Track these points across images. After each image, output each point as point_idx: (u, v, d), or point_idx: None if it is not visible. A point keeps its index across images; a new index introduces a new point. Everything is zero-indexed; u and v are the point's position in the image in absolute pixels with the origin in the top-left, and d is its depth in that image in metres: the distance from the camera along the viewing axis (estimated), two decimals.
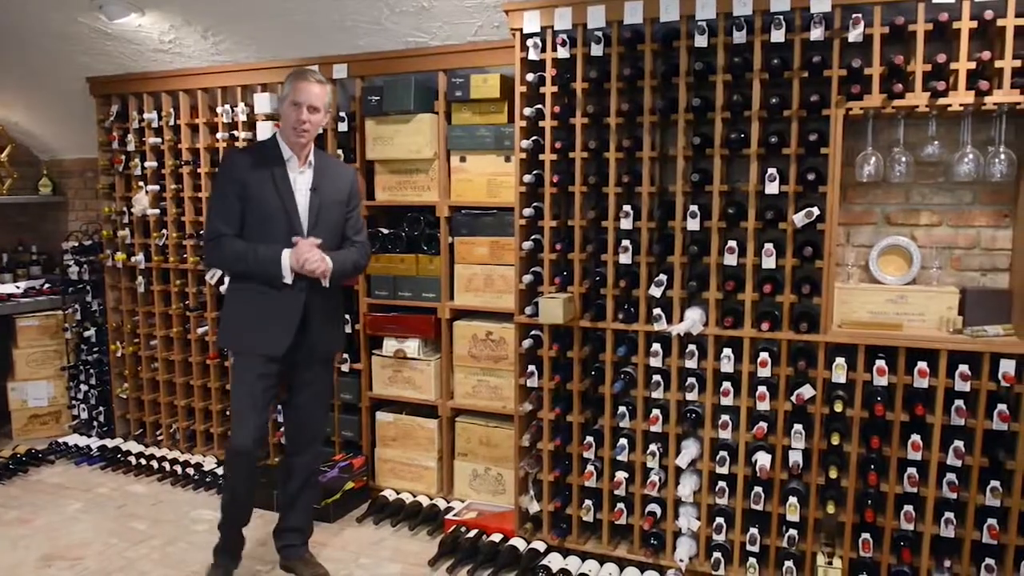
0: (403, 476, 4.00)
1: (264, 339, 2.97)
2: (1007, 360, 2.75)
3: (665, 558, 3.24)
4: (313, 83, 2.94)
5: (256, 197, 2.95)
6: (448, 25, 3.58)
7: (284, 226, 2.96)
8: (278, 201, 2.96)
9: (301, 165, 3.02)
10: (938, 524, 2.86)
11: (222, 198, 2.99)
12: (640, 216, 3.17)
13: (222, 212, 2.97)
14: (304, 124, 2.92)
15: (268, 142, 3.07)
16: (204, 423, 4.64)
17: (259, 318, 2.98)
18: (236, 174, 2.97)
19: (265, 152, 3.03)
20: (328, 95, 3.01)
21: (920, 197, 3.10)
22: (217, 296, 4.45)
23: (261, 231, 2.95)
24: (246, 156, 3.05)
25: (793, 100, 2.92)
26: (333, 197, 3.08)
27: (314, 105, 2.93)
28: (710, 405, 3.14)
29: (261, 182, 2.96)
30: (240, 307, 3.05)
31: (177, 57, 4.33)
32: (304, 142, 2.98)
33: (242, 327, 3.03)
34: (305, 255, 2.89)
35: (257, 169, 2.97)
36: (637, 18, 3.06)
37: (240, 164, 2.99)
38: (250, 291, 2.99)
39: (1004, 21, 2.67)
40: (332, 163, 3.23)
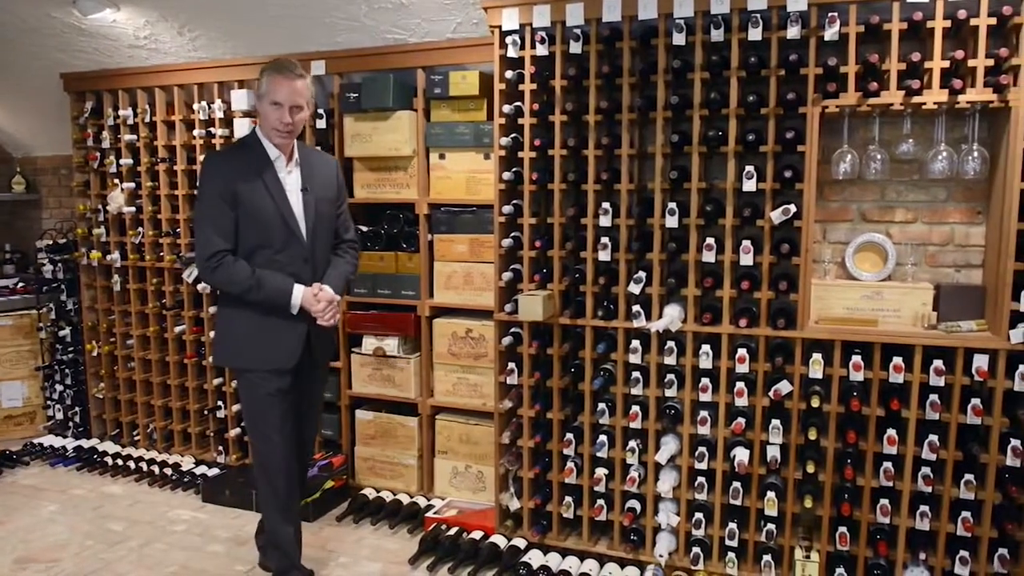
0: (383, 474, 3.99)
1: (274, 353, 2.81)
2: (980, 355, 2.79)
3: (645, 554, 3.26)
4: (294, 79, 2.72)
5: (249, 204, 2.72)
6: (427, 22, 3.57)
7: (282, 234, 2.77)
8: (273, 207, 2.75)
9: (288, 164, 2.83)
10: (913, 517, 2.90)
11: (212, 208, 2.72)
12: (619, 213, 3.18)
13: (215, 224, 2.71)
14: (289, 126, 2.74)
15: (250, 141, 2.84)
16: (182, 423, 4.60)
17: (265, 332, 2.80)
18: (224, 180, 2.72)
19: (250, 153, 2.80)
20: (309, 87, 2.81)
21: (895, 194, 3.14)
22: (194, 294, 4.42)
23: (258, 241, 2.75)
24: (231, 159, 2.82)
25: (770, 98, 2.94)
26: (323, 194, 2.90)
27: (297, 104, 2.73)
28: (689, 401, 3.15)
29: (252, 187, 2.73)
30: (242, 322, 2.83)
31: (153, 53, 4.29)
32: (287, 143, 2.81)
33: (246, 343, 2.83)
34: (319, 311, 2.78)
35: (246, 173, 2.74)
36: (615, 16, 3.07)
37: (227, 169, 2.75)
38: (244, 304, 2.78)
39: (977, 20, 2.71)
40: (314, 156, 3.00)
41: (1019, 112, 2.68)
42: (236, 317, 2.84)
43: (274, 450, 2.88)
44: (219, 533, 3.68)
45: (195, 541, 3.60)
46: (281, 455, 2.89)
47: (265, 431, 2.88)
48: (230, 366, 3.19)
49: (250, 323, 2.81)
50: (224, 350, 2.91)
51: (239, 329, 2.84)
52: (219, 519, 3.84)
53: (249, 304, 2.77)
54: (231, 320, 2.87)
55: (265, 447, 2.90)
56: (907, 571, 2.95)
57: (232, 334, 2.87)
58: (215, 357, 3.00)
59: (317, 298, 2.78)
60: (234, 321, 2.85)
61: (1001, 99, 2.69)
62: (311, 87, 2.83)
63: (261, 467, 2.94)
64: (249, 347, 2.83)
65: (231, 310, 2.86)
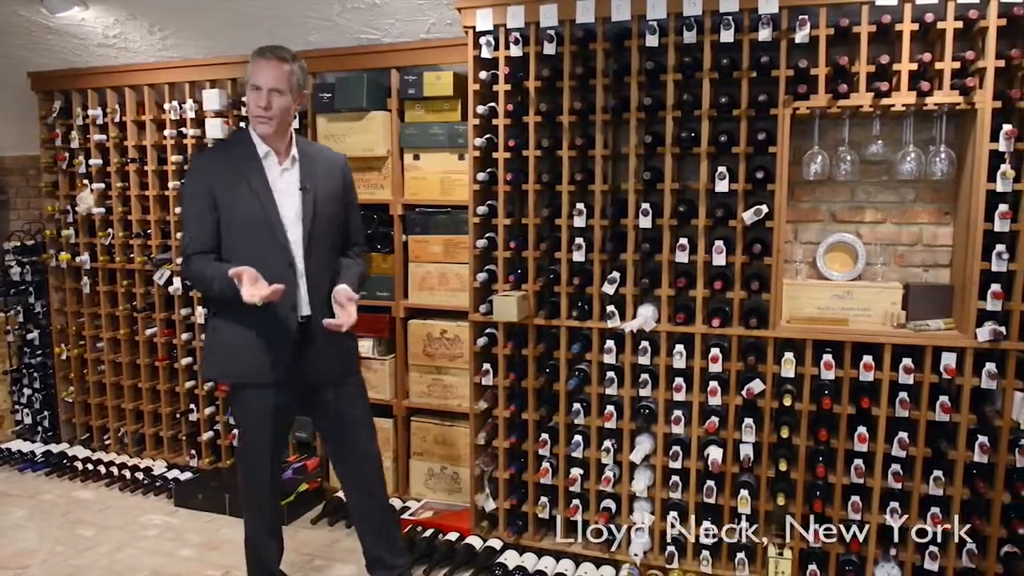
0: None
1: (259, 366, 2.59)
2: (948, 353, 2.83)
3: (620, 553, 3.27)
4: (272, 60, 2.53)
5: (228, 205, 2.54)
6: (401, 22, 3.56)
7: (265, 235, 2.55)
8: (256, 208, 2.54)
9: (283, 161, 2.62)
10: (884, 513, 2.93)
11: (191, 208, 2.59)
12: (593, 214, 3.19)
13: (192, 225, 2.58)
14: (266, 111, 2.52)
15: (238, 137, 2.70)
16: (153, 426, 4.55)
17: (251, 343, 2.58)
18: (204, 179, 2.57)
19: (235, 149, 2.63)
20: (297, 74, 2.58)
21: (865, 195, 3.18)
22: (165, 296, 4.37)
23: (241, 245, 2.55)
24: (214, 157, 2.67)
25: (742, 99, 2.97)
26: (328, 194, 2.66)
27: (276, 88, 2.52)
28: (663, 401, 3.17)
29: (233, 186, 2.55)
30: (228, 333, 2.62)
31: (123, 52, 4.23)
32: (270, 132, 2.56)
33: (233, 354, 2.62)
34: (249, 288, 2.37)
35: (227, 171, 2.57)
36: (589, 17, 3.08)
37: (207, 167, 2.61)
38: (238, 315, 2.54)
39: (944, 24, 2.75)
40: (319, 152, 2.77)
41: (985, 114, 2.72)
42: (222, 327, 2.64)
43: (259, 471, 2.77)
44: (191, 538, 3.64)
45: (167, 546, 3.56)
46: (265, 473, 2.77)
47: (250, 445, 2.76)
48: (217, 379, 2.97)
49: (236, 334, 2.60)
50: (212, 363, 2.70)
51: (226, 340, 2.64)
52: (191, 523, 3.80)
53: (233, 313, 2.56)
54: (217, 330, 2.67)
55: (248, 464, 2.80)
56: (878, 567, 2.98)
57: (219, 345, 2.66)
58: (205, 370, 2.80)
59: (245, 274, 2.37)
60: (220, 331, 2.65)
61: (967, 101, 2.74)
62: (300, 75, 2.61)
63: (247, 485, 2.83)
64: (235, 359, 2.62)
65: (217, 319, 2.68)
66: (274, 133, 2.58)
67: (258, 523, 2.88)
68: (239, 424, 2.82)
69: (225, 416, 4.25)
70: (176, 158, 4.20)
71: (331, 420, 2.80)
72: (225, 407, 4.27)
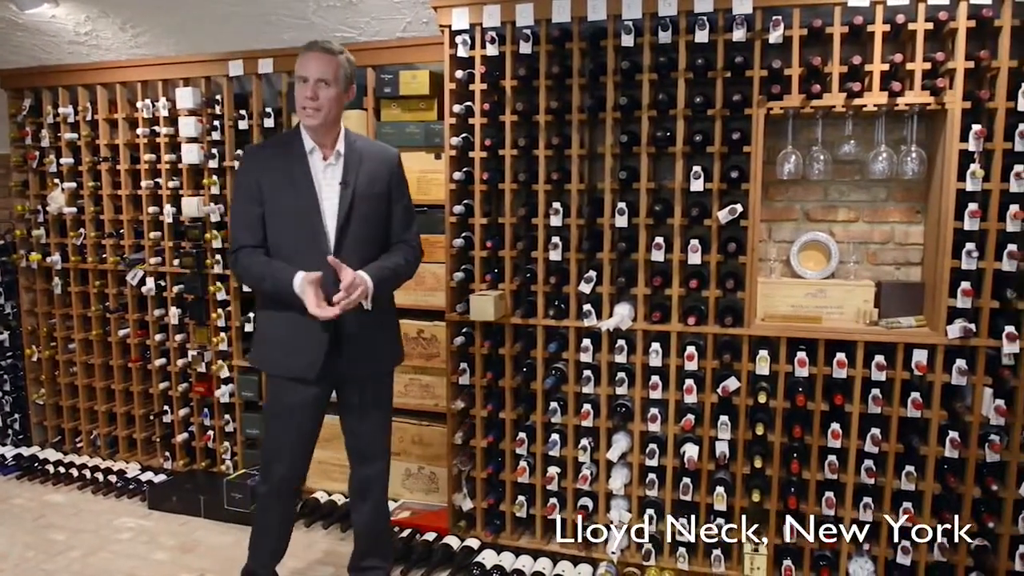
0: (335, 477, 3.95)
1: (295, 360, 2.61)
2: (920, 350, 2.87)
3: (598, 551, 3.28)
4: (319, 51, 2.51)
5: (274, 199, 2.58)
6: (376, 21, 3.55)
7: (309, 231, 2.57)
8: (299, 202, 2.57)
9: (328, 157, 2.61)
10: (857, 509, 2.97)
11: (239, 202, 2.63)
12: (569, 213, 3.20)
13: (240, 219, 2.61)
14: (313, 101, 2.50)
15: (288, 133, 2.70)
16: (126, 428, 4.50)
17: (290, 337, 2.61)
18: (251, 174, 2.60)
19: (283, 145, 2.65)
20: (344, 66, 2.56)
21: (838, 194, 3.21)
22: (138, 297, 4.32)
23: (283, 240, 2.59)
24: (262, 152, 2.71)
25: (717, 99, 2.99)
26: (369, 190, 2.63)
27: (323, 78, 2.50)
28: (639, 399, 3.18)
29: (279, 181, 2.58)
30: (270, 324, 2.69)
31: (94, 50, 4.18)
32: (317, 124, 2.54)
33: (272, 347, 2.67)
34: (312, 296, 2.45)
35: (274, 166, 2.60)
36: (565, 17, 3.09)
37: (255, 162, 2.63)
38: (280, 307, 2.59)
39: (915, 25, 2.79)
40: (370, 149, 2.72)
41: (955, 114, 2.76)
42: (265, 318, 2.71)
43: (278, 462, 2.72)
44: (165, 541, 3.61)
45: (140, 549, 3.52)
46: (286, 468, 2.73)
47: (274, 437, 2.73)
48: (258, 368, 3.00)
49: (277, 326, 2.65)
50: (256, 352, 2.79)
51: (267, 332, 2.71)
52: (165, 526, 3.76)
53: (276, 305, 2.60)
54: (261, 320, 2.75)
55: (270, 456, 2.76)
56: (851, 561, 3.02)
57: (261, 336, 2.74)
58: (248, 357, 2.94)
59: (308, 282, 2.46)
60: (263, 322, 2.73)
61: (938, 101, 2.78)
62: (348, 67, 2.59)
63: (264, 476, 2.80)
64: (274, 351, 2.67)
65: (262, 309, 2.74)
66: (321, 126, 2.56)
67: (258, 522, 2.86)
68: (268, 417, 2.79)
69: (200, 417, 4.22)
70: (149, 157, 4.15)
71: (355, 417, 2.79)
72: (200, 409, 4.23)
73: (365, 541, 2.93)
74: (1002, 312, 2.83)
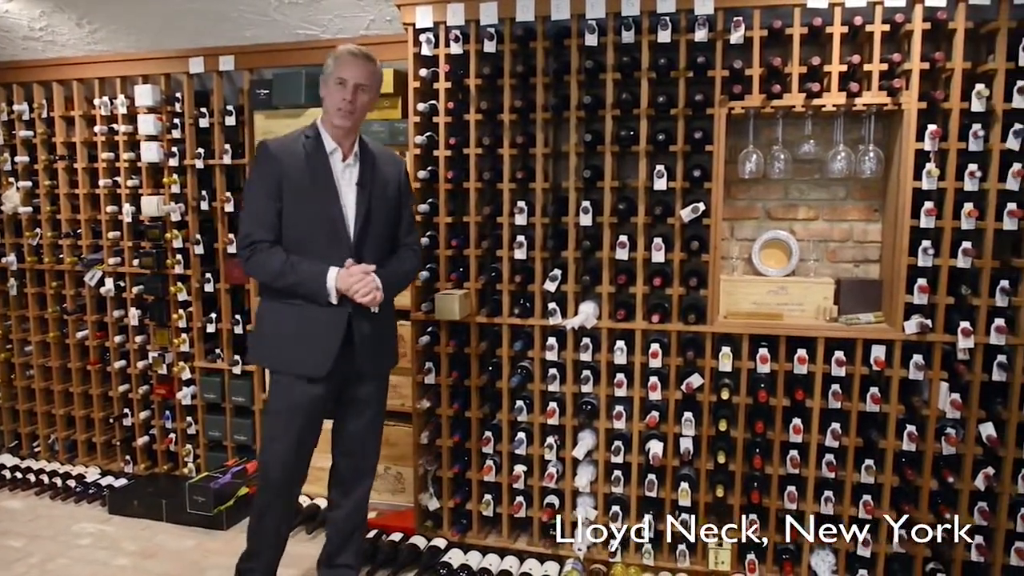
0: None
1: (304, 358, 2.60)
2: (878, 346, 2.93)
3: (564, 548, 3.29)
4: (361, 58, 2.57)
5: (295, 196, 2.57)
6: (339, 18, 3.52)
7: (328, 231, 2.59)
8: (322, 201, 2.59)
9: (347, 158, 2.65)
10: (819, 502, 3.02)
11: (256, 197, 2.60)
12: (534, 212, 3.20)
13: (257, 214, 2.58)
14: (351, 104, 2.55)
15: (308, 131, 2.67)
16: (86, 432, 4.41)
17: (299, 334, 2.61)
18: (272, 169, 2.57)
19: (305, 143, 2.62)
20: (378, 74, 2.65)
21: (798, 193, 3.26)
22: (97, 298, 4.24)
23: (302, 236, 2.59)
24: (283, 148, 2.63)
25: (679, 99, 3.01)
26: (383, 194, 2.70)
27: (363, 84, 2.56)
28: (604, 396, 3.20)
29: (301, 179, 2.58)
30: (277, 320, 2.65)
31: (50, 46, 4.09)
32: (349, 126, 2.60)
33: (279, 343, 2.65)
34: (356, 285, 2.54)
35: (296, 163, 2.58)
36: (529, 15, 3.09)
37: (276, 157, 2.59)
38: (289, 303, 2.61)
39: (872, 27, 2.84)
40: (379, 153, 2.78)
41: (911, 114, 2.82)
42: (272, 313, 2.68)
43: (276, 461, 2.69)
44: (127, 546, 3.54)
45: (101, 555, 3.46)
46: (283, 468, 2.69)
47: (274, 436, 2.69)
48: (262, 365, 2.92)
49: (286, 321, 2.63)
50: (258, 348, 2.78)
51: (273, 327, 2.67)
52: (126, 531, 3.70)
53: (286, 300, 2.61)
54: (266, 316, 2.71)
55: (268, 456, 2.72)
56: (814, 555, 3.06)
57: (266, 331, 2.71)
58: (249, 354, 2.82)
59: (350, 273, 2.55)
60: (269, 317, 2.69)
61: (894, 102, 2.83)
62: (380, 77, 2.68)
63: (262, 475, 2.76)
64: (281, 347, 2.65)
65: (268, 304, 2.70)
66: (350, 129, 2.62)
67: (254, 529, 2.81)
68: (269, 414, 2.74)
69: (161, 420, 4.16)
70: (107, 155, 4.07)
71: (352, 415, 2.80)
72: (161, 411, 4.17)
73: (341, 538, 2.91)
74: (957, 308, 2.89)
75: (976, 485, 2.88)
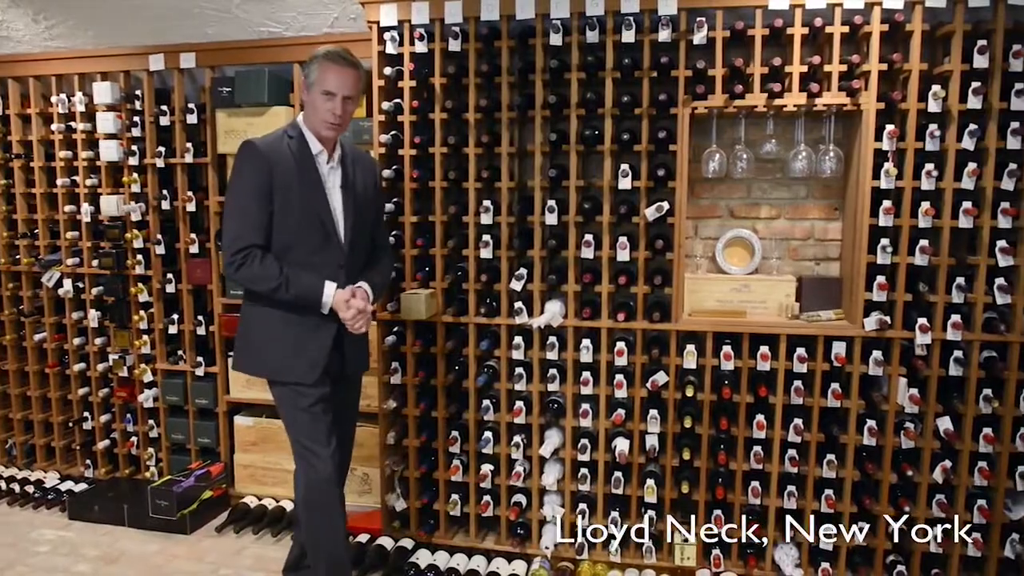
0: (265, 481, 3.88)
1: (297, 365, 2.57)
2: (839, 342, 2.97)
3: (532, 546, 3.30)
4: (348, 67, 2.52)
5: (286, 199, 2.51)
6: (303, 16, 3.50)
7: (320, 235, 2.56)
8: (313, 204, 2.54)
9: (331, 160, 2.62)
10: (782, 497, 3.06)
11: (246, 198, 2.50)
12: (500, 211, 3.20)
13: (247, 216, 2.49)
14: (340, 117, 2.52)
15: (290, 131, 2.60)
16: (44, 436, 4.32)
17: (290, 341, 2.57)
18: (262, 170, 2.49)
19: (291, 144, 2.56)
20: (363, 79, 2.61)
21: (760, 192, 3.30)
22: (55, 299, 4.16)
23: (292, 240, 2.53)
24: (271, 147, 2.54)
25: (643, 99, 3.03)
26: (364, 195, 2.69)
27: (350, 96, 2.53)
28: (571, 395, 3.21)
29: (291, 180, 2.51)
30: (267, 328, 2.60)
31: (5, 41, 4.01)
32: (335, 136, 2.60)
33: (272, 352, 2.59)
34: (355, 320, 2.54)
35: (285, 164, 2.52)
36: (494, 15, 3.09)
37: (265, 157, 2.50)
38: (278, 310, 2.56)
39: (832, 28, 2.88)
40: (354, 153, 2.76)
41: (869, 115, 2.87)
42: (257, 320, 2.63)
43: (319, 458, 2.59)
44: (87, 552, 3.48)
45: (61, 562, 3.39)
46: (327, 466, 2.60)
47: (305, 443, 2.60)
48: (250, 374, 2.82)
49: (272, 327, 2.59)
50: (245, 356, 2.69)
51: (260, 334, 2.62)
52: (87, 537, 3.63)
53: (274, 306, 2.56)
54: (252, 323, 2.65)
55: (309, 463, 2.61)
56: (777, 548, 3.11)
57: (253, 339, 2.65)
58: (235, 362, 2.75)
59: (348, 304, 2.54)
60: (255, 324, 2.64)
61: (854, 102, 2.88)
62: (364, 80, 2.64)
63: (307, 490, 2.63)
64: (269, 355, 2.60)
65: (253, 311, 2.64)
66: (335, 138, 2.63)
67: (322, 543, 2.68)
68: (286, 420, 2.68)
69: (122, 423, 4.09)
70: (65, 153, 3.99)
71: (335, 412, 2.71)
72: (122, 414, 4.10)
73: None
74: (915, 305, 2.95)
75: (934, 478, 2.94)
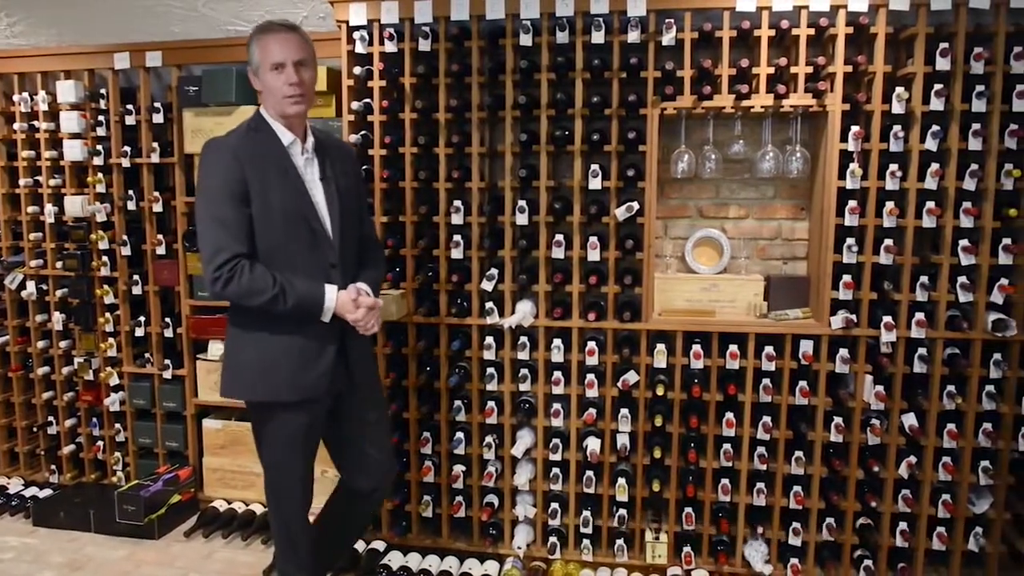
0: (234, 485, 3.83)
1: (299, 379, 2.34)
2: (806, 340, 3.01)
3: (504, 547, 3.30)
4: (286, 31, 2.27)
5: (264, 199, 2.26)
6: (271, 14, 3.47)
7: (307, 235, 2.33)
8: (294, 202, 2.30)
9: (304, 150, 2.38)
10: (751, 494, 3.09)
11: (219, 205, 2.24)
12: (471, 211, 3.20)
13: (226, 223, 2.23)
14: (300, 86, 2.27)
15: (256, 124, 2.36)
16: (8, 441, 4.24)
17: (289, 355, 2.33)
18: (233, 170, 2.24)
19: (261, 139, 2.33)
20: (310, 43, 2.35)
21: (729, 192, 3.33)
22: (18, 302, 4.08)
23: (277, 244, 2.30)
24: (240, 147, 2.29)
25: (613, 99, 3.05)
26: (345, 185, 2.44)
27: (301, 60, 2.27)
28: (542, 395, 3.22)
29: (267, 177, 2.27)
30: (256, 344, 2.35)
31: None
32: (303, 111, 2.32)
33: (264, 370, 2.35)
34: (365, 321, 2.36)
35: (258, 162, 2.28)
36: (464, 14, 3.08)
37: (236, 156, 2.26)
38: (271, 324, 2.32)
39: (798, 30, 2.92)
40: (330, 139, 2.54)
41: (835, 116, 2.90)
42: (253, 341, 2.36)
43: (294, 501, 2.51)
44: (53, 559, 3.42)
45: (25, 569, 3.33)
46: (300, 506, 2.53)
47: (278, 471, 2.48)
48: (243, 399, 2.48)
49: (267, 346, 2.34)
50: (234, 380, 2.41)
51: (253, 354, 2.36)
52: (52, 543, 3.57)
53: (266, 321, 2.31)
54: (245, 344, 2.38)
55: (276, 493, 2.52)
56: (747, 545, 3.14)
57: (245, 360, 2.38)
58: (223, 388, 2.44)
59: (357, 303, 2.34)
60: (250, 345, 2.37)
61: (820, 104, 2.91)
62: (309, 41, 2.36)
63: (279, 520, 2.55)
64: (267, 375, 2.34)
65: (242, 330, 2.38)
66: (304, 114, 2.37)
67: (290, 559, 2.60)
68: (264, 447, 2.49)
69: (88, 428, 4.02)
70: (27, 153, 3.92)
71: (356, 424, 2.60)
72: (88, 418, 4.04)
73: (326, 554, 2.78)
74: (880, 303, 2.99)
75: (900, 473, 2.99)
